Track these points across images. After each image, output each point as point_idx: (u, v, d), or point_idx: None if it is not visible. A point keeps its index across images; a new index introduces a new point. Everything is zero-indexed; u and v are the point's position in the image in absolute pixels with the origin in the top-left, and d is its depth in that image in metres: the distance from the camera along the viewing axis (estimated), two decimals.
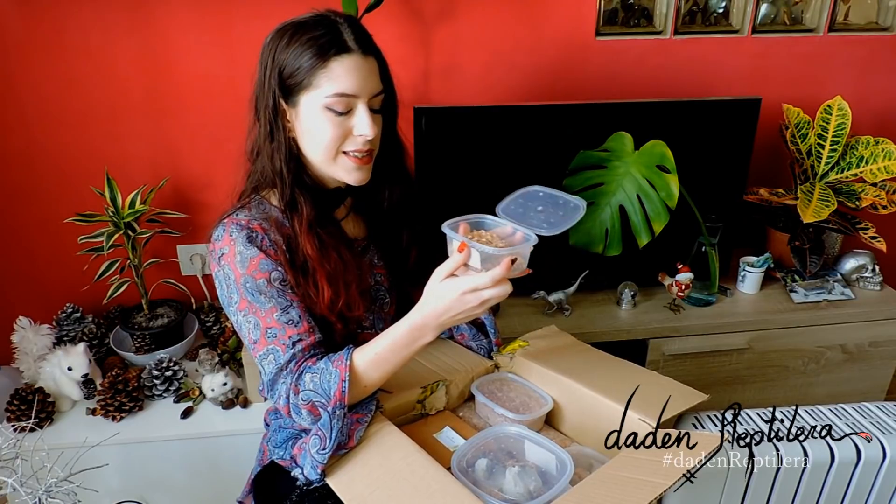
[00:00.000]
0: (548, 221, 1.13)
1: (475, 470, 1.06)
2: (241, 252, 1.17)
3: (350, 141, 1.19)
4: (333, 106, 1.15)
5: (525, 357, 1.34)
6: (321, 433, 1.07)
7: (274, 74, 1.16)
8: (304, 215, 1.21)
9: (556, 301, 2.03)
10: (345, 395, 1.08)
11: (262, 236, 1.19)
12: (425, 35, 1.97)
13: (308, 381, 1.11)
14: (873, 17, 2.19)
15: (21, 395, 1.71)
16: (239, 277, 1.17)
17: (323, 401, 1.10)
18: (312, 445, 1.08)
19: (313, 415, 1.11)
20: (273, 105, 1.18)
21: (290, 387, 1.12)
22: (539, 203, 1.17)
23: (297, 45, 1.14)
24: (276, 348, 1.14)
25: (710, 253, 1.99)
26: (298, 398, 1.12)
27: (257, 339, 1.15)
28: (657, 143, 1.75)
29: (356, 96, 1.16)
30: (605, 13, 2.06)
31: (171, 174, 2.00)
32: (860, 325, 2.09)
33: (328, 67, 1.13)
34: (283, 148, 1.20)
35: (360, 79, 1.15)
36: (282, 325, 1.15)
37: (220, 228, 1.21)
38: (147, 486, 1.77)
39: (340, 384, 1.09)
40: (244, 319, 1.17)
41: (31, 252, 2.03)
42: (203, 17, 1.86)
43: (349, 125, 1.17)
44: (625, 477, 0.96)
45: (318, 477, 1.07)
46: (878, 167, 1.98)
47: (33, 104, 1.87)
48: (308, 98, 1.15)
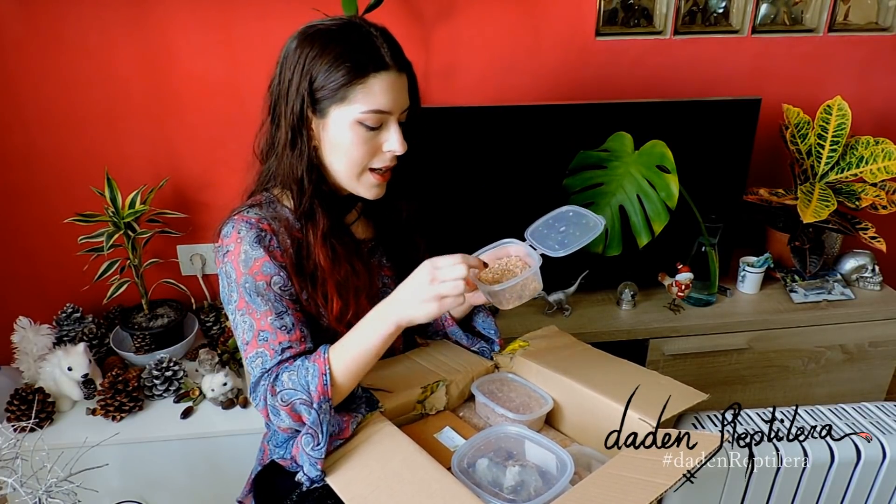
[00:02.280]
0: (563, 242, 1.16)
1: (476, 470, 1.06)
2: (246, 251, 1.16)
3: (378, 158, 1.18)
4: (366, 121, 1.14)
5: (525, 357, 1.34)
6: (312, 430, 1.05)
7: (304, 83, 1.13)
8: (319, 225, 1.20)
9: (556, 301, 2.03)
10: (327, 388, 1.06)
11: (270, 237, 1.18)
12: (425, 35, 1.97)
13: (286, 379, 1.09)
14: (873, 17, 2.19)
15: (21, 395, 1.71)
16: (240, 276, 1.16)
17: (304, 397, 1.06)
18: (306, 444, 1.06)
19: (292, 418, 1.09)
20: (299, 112, 1.15)
21: (268, 388, 1.10)
22: (564, 223, 1.19)
23: (332, 56, 1.11)
24: (265, 352, 1.13)
25: (710, 253, 2.00)
26: (277, 399, 1.08)
27: (249, 341, 1.14)
28: (657, 143, 1.76)
29: (390, 113, 1.15)
30: (604, 13, 2.06)
31: (171, 174, 2.00)
32: (860, 325, 2.09)
33: (366, 84, 1.11)
34: (304, 157, 1.18)
35: (395, 96, 1.14)
36: (274, 330, 1.13)
37: (229, 225, 1.20)
38: (147, 486, 1.77)
39: (321, 377, 1.06)
40: (241, 319, 1.16)
41: (32, 252, 2.03)
42: (203, 18, 1.86)
43: (379, 141, 1.17)
44: (625, 477, 0.96)
45: (318, 473, 1.05)
46: (878, 167, 1.99)
47: (33, 104, 1.87)
48: (340, 111, 1.14)
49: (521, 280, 1.11)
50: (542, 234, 1.18)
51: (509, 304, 1.15)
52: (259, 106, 1.92)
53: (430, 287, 1.05)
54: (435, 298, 1.05)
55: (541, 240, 1.16)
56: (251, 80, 1.94)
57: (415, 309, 1.07)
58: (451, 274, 1.05)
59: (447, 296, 1.05)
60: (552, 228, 1.19)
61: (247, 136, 1.95)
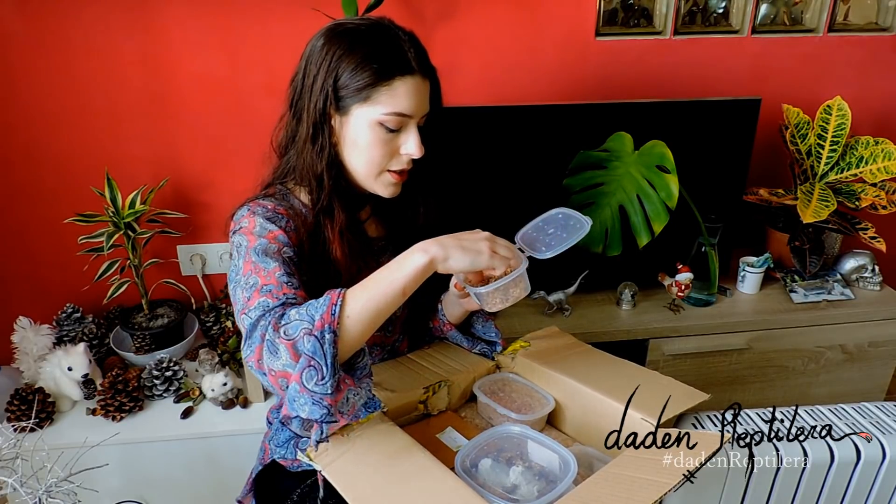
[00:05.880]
0: (550, 244, 1.17)
1: (479, 470, 1.06)
2: (262, 224, 1.15)
3: (396, 160, 1.19)
4: (387, 123, 1.14)
5: (526, 357, 1.34)
6: (314, 362, 0.92)
7: (329, 80, 1.13)
8: (337, 221, 1.21)
9: (556, 301, 2.04)
10: (335, 317, 0.95)
11: (286, 219, 1.18)
12: (426, 35, 1.97)
13: (293, 313, 0.97)
14: (873, 17, 2.20)
15: (21, 395, 1.72)
16: (252, 242, 1.12)
17: (307, 326, 0.94)
18: (308, 379, 0.92)
19: (291, 355, 0.94)
20: (322, 109, 1.15)
21: (270, 324, 0.97)
22: (553, 225, 1.20)
23: (359, 56, 1.12)
24: (268, 300, 1.02)
25: (710, 253, 2.00)
26: (278, 333, 0.95)
27: (250, 297, 1.04)
28: (657, 144, 1.76)
29: (411, 116, 1.16)
30: (604, 13, 2.07)
31: (171, 174, 2.01)
32: (860, 325, 2.10)
33: (391, 86, 1.12)
34: (325, 153, 1.18)
35: (417, 100, 1.15)
36: (280, 284, 1.05)
37: (244, 209, 1.20)
38: (147, 486, 1.78)
39: (330, 307, 0.95)
40: (244, 282, 1.07)
41: (32, 252, 2.04)
42: (203, 19, 1.87)
43: (397, 143, 1.18)
44: (629, 476, 0.96)
45: (324, 412, 0.94)
46: (878, 167, 1.99)
47: (34, 104, 1.88)
48: (362, 110, 1.14)
49: (504, 283, 1.11)
50: (532, 237, 1.19)
51: (495, 306, 1.16)
52: (258, 107, 1.96)
53: (484, 242, 1.06)
54: (486, 250, 1.06)
55: (530, 243, 1.18)
56: (251, 81, 1.95)
57: (455, 251, 1.04)
58: (504, 242, 1.09)
59: (485, 253, 1.06)
60: (541, 231, 1.20)
61: (247, 137, 1.99)
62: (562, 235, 1.18)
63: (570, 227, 1.19)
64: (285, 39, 1.91)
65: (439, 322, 1.43)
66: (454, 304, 1.37)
